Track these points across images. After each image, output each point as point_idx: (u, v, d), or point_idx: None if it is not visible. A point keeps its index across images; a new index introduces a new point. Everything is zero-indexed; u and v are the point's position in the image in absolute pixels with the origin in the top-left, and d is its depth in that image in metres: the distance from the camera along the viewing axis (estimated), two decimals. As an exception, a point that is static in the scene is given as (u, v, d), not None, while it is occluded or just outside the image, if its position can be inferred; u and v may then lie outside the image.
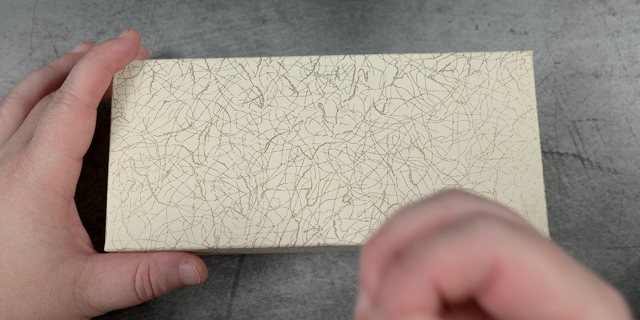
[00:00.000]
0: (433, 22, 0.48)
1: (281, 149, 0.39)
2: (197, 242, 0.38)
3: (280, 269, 0.45)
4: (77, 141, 0.37)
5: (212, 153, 0.39)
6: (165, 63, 0.40)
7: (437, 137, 0.39)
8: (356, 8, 0.48)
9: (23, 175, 0.37)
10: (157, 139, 0.39)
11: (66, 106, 0.37)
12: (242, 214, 0.38)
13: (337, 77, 0.40)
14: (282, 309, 0.44)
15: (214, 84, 0.40)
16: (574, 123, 0.46)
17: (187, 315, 0.44)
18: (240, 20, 0.48)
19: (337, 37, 0.48)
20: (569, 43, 0.48)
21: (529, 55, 0.40)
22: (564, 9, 0.48)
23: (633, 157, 0.46)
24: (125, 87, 0.40)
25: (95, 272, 0.38)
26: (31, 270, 0.37)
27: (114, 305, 0.38)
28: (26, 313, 0.37)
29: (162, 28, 0.48)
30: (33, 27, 0.48)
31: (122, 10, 0.49)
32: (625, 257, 0.45)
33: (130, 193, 0.38)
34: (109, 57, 0.38)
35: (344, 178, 0.38)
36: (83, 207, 0.45)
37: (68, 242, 0.38)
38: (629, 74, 0.47)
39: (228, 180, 0.38)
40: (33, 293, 0.37)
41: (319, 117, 0.39)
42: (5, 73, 0.48)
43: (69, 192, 0.38)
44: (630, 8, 0.48)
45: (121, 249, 0.38)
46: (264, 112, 0.39)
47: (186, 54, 0.48)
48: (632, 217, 0.45)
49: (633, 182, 0.46)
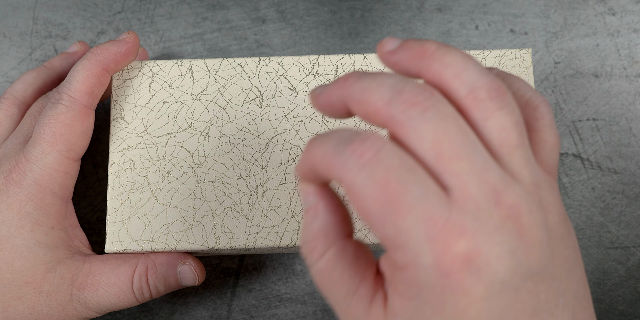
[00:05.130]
0: (433, 22, 0.48)
1: (281, 149, 0.39)
2: (197, 243, 0.38)
3: (280, 269, 0.45)
4: (75, 142, 0.37)
5: (212, 153, 0.39)
6: (164, 64, 0.40)
7: (437, 137, 0.39)
8: (356, 8, 0.48)
9: (21, 176, 0.37)
10: (157, 140, 0.39)
11: (64, 107, 0.37)
12: (243, 214, 0.38)
13: (336, 77, 0.40)
14: (282, 309, 0.44)
15: (213, 84, 0.40)
16: (574, 123, 0.46)
17: (187, 315, 0.44)
18: (240, 20, 0.48)
19: (337, 37, 0.48)
20: (569, 43, 0.48)
21: (527, 53, 0.40)
22: (564, 9, 0.48)
23: (633, 157, 0.46)
24: (125, 88, 0.40)
25: (93, 273, 0.38)
26: (28, 272, 0.37)
27: (111, 306, 0.38)
28: (22, 314, 0.37)
29: (162, 28, 0.48)
30: (33, 27, 0.48)
31: (122, 10, 0.49)
32: (625, 257, 0.45)
33: (130, 194, 0.38)
34: (108, 59, 0.38)
35: (343, 178, 0.38)
36: (83, 207, 0.45)
37: (65, 243, 0.38)
38: (629, 74, 0.47)
39: (228, 181, 0.38)
40: (30, 294, 0.37)
41: (319, 116, 0.39)
42: (5, 73, 0.48)
43: (66, 193, 0.38)
44: (630, 8, 0.48)
45: (122, 250, 0.38)
46: (264, 112, 0.39)
47: (186, 54, 0.48)
48: (632, 217, 0.45)
49: (633, 182, 0.46)
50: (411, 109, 0.24)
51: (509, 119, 0.25)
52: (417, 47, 0.26)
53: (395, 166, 0.23)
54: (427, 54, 0.26)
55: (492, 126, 0.25)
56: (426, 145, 0.24)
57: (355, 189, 0.24)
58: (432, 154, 0.24)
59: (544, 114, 0.28)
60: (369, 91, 0.25)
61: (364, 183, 0.23)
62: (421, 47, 0.26)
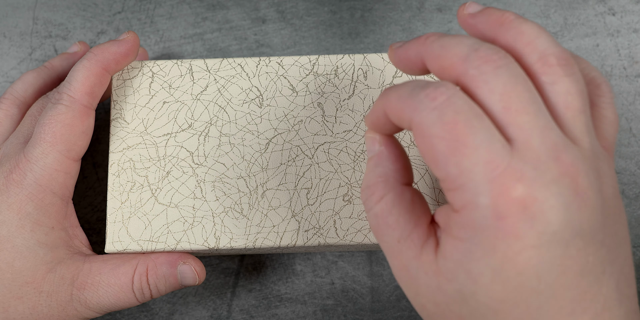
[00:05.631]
0: (433, 22, 0.48)
1: (281, 149, 0.39)
2: (197, 243, 0.38)
3: (280, 269, 0.45)
4: (75, 142, 0.37)
5: (211, 153, 0.39)
6: (164, 64, 0.40)
7: (437, 137, 0.39)
8: (356, 8, 0.48)
9: (21, 176, 0.37)
10: (157, 140, 0.39)
11: (64, 107, 0.37)
12: (243, 214, 0.38)
13: (336, 77, 0.40)
14: (282, 309, 0.44)
15: (213, 84, 0.40)
16: (574, 123, 0.46)
17: (187, 315, 0.44)
18: (240, 20, 0.48)
19: (337, 37, 0.48)
20: (569, 43, 0.48)
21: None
22: (564, 9, 0.48)
23: (633, 157, 0.46)
24: (125, 88, 0.40)
25: (93, 273, 0.38)
26: (28, 272, 0.37)
27: (111, 306, 0.38)
28: (23, 314, 0.37)
29: (162, 28, 0.48)
30: (33, 27, 0.48)
31: (122, 10, 0.49)
32: (625, 257, 0.44)
33: (130, 194, 0.38)
34: (108, 59, 0.38)
35: (344, 177, 0.38)
36: (83, 207, 0.45)
37: (66, 243, 0.38)
38: (629, 74, 0.47)
39: (228, 181, 0.38)
40: (30, 294, 0.37)
41: (319, 116, 0.39)
42: (5, 73, 0.48)
43: (67, 193, 0.38)
44: (630, 8, 0.48)
45: (122, 250, 0.38)
46: (264, 112, 0.39)
47: (186, 54, 0.48)
48: (632, 217, 0.45)
49: (633, 182, 0.46)
50: (485, 64, 0.26)
51: (574, 86, 0.26)
52: (498, 14, 0.28)
53: (464, 111, 0.25)
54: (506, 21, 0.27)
55: (559, 90, 0.26)
56: (495, 97, 0.25)
57: (424, 129, 0.25)
58: (499, 106, 0.25)
59: (606, 92, 0.29)
60: (448, 47, 0.27)
61: (434, 122, 0.25)
62: (502, 15, 0.28)
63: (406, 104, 0.26)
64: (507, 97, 0.25)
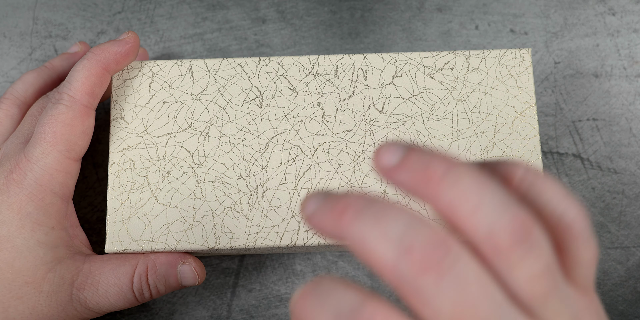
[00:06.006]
0: (433, 22, 0.48)
1: (281, 149, 0.39)
2: (197, 243, 0.38)
3: (280, 269, 0.45)
4: (75, 142, 0.37)
5: (211, 153, 0.39)
6: (164, 64, 0.40)
7: (437, 135, 0.39)
8: (356, 8, 0.48)
9: (21, 176, 0.37)
10: (157, 140, 0.39)
11: (65, 107, 0.37)
12: (243, 214, 0.38)
13: (336, 77, 0.40)
14: (282, 309, 0.44)
15: (213, 84, 0.40)
16: (574, 123, 0.46)
17: (187, 315, 0.44)
18: (240, 20, 0.48)
19: (337, 37, 0.48)
20: (569, 43, 0.48)
21: (527, 53, 0.40)
22: (564, 9, 0.48)
23: (633, 157, 0.46)
24: (125, 88, 0.40)
25: (93, 273, 0.38)
26: (28, 271, 0.37)
27: (111, 306, 0.38)
28: (22, 314, 0.37)
29: (162, 28, 0.48)
30: (33, 27, 0.48)
31: (122, 10, 0.49)
32: (625, 257, 0.45)
33: (130, 194, 0.38)
34: (108, 59, 0.38)
35: (344, 177, 0.38)
36: (83, 207, 0.45)
37: (66, 243, 0.38)
38: (629, 74, 0.47)
39: (228, 181, 0.38)
40: (30, 294, 0.37)
41: (319, 116, 0.39)
42: (5, 73, 0.48)
43: (67, 193, 0.38)
44: (630, 8, 0.48)
45: (122, 250, 0.38)
46: (264, 112, 0.39)
47: (186, 54, 0.48)
48: (632, 217, 0.45)
49: (633, 182, 0.46)
50: (424, 275, 0.20)
51: (537, 266, 0.22)
52: (422, 170, 0.22)
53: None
54: (434, 180, 0.22)
55: (519, 276, 0.21)
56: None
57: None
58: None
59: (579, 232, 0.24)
60: (370, 242, 0.21)
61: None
62: (426, 170, 0.22)
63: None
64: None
